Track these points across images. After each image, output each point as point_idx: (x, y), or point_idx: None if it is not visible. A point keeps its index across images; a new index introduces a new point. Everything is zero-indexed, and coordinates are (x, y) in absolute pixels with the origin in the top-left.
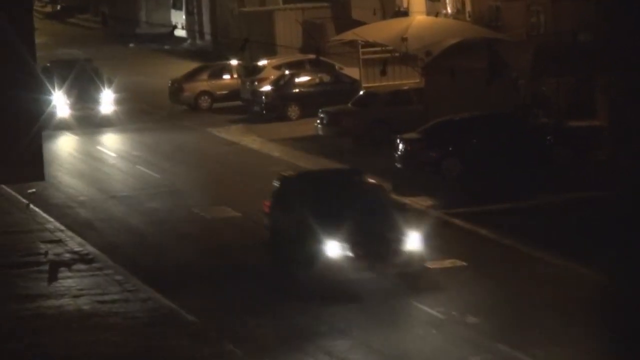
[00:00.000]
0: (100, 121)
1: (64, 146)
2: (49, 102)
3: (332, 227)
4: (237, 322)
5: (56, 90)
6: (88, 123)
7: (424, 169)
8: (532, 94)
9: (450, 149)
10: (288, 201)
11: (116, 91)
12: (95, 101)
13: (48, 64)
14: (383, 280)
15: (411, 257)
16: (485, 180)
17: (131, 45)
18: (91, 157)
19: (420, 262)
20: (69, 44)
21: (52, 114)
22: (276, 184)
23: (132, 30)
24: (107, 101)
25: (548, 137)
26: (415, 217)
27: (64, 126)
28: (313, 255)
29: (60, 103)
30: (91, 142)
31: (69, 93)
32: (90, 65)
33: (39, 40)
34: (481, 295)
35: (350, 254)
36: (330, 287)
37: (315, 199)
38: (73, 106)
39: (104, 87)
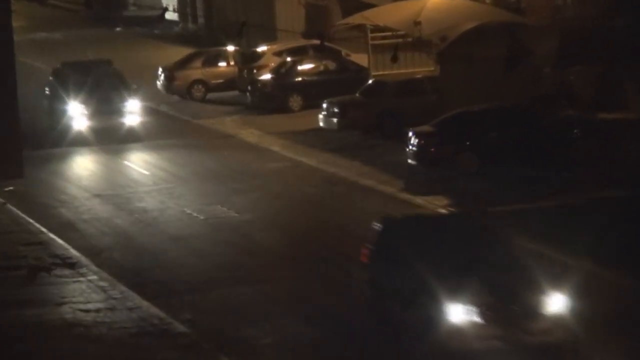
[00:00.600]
0: (125, 134)
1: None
2: (64, 112)
3: (456, 285)
4: (232, 332)
5: (71, 98)
6: (110, 137)
7: (439, 164)
8: (556, 84)
9: (466, 143)
10: (397, 252)
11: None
12: (119, 111)
13: (59, 66)
14: (520, 352)
15: (556, 324)
16: (505, 177)
17: (118, 29)
18: (72, 152)
19: (566, 330)
20: (49, 28)
21: (67, 127)
22: (378, 227)
23: (119, 13)
24: (132, 111)
25: (574, 131)
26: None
27: (82, 141)
28: (432, 321)
29: (76, 114)
30: (117, 155)
31: (87, 102)
32: (111, 68)
33: (16, 23)
34: None
35: (478, 319)
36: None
37: (434, 250)
38: (92, 117)
39: (128, 94)
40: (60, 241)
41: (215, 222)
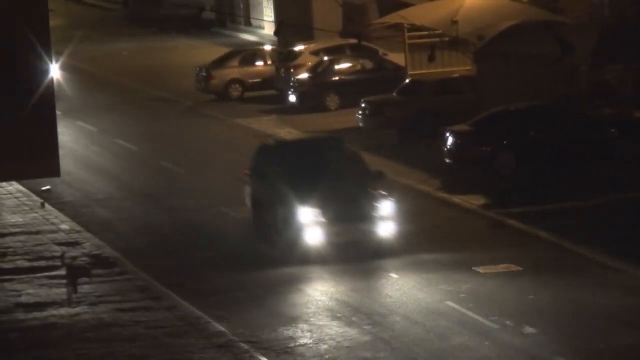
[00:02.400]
0: (376, 250)
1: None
2: (287, 217)
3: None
4: (270, 332)
5: (295, 195)
6: (358, 254)
7: (476, 164)
8: (594, 82)
9: (504, 142)
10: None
11: None
12: (366, 217)
13: (270, 143)
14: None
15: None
16: (543, 177)
17: (154, 28)
18: (109, 150)
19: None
20: (86, 27)
21: (293, 238)
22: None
23: (155, 12)
24: (385, 214)
25: (612, 130)
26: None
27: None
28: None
29: (307, 220)
30: None
31: (319, 202)
32: (344, 148)
33: (53, 22)
34: (538, 303)
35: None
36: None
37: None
38: (327, 226)
39: (374, 188)
40: (97, 240)
41: (250, 220)
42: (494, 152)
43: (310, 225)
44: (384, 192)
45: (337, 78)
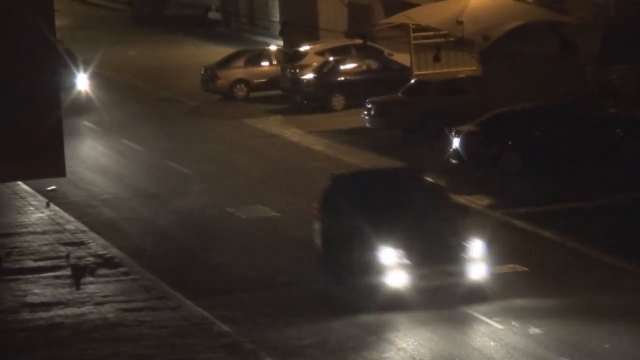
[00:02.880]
0: (466, 294)
1: None
2: (366, 259)
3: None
4: (275, 333)
5: (376, 235)
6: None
7: (482, 164)
8: (599, 82)
9: (510, 142)
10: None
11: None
12: (455, 258)
13: (343, 174)
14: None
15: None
16: (549, 177)
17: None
18: (114, 150)
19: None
20: (91, 26)
21: (375, 282)
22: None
23: (161, 12)
24: (475, 255)
25: (617, 130)
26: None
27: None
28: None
29: (390, 263)
30: None
31: (399, 242)
32: (427, 180)
33: (59, 22)
34: (544, 304)
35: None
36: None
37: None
38: (412, 269)
39: (462, 225)
40: (102, 240)
41: (256, 221)
42: (500, 153)
43: (392, 267)
44: (473, 230)
45: (342, 78)
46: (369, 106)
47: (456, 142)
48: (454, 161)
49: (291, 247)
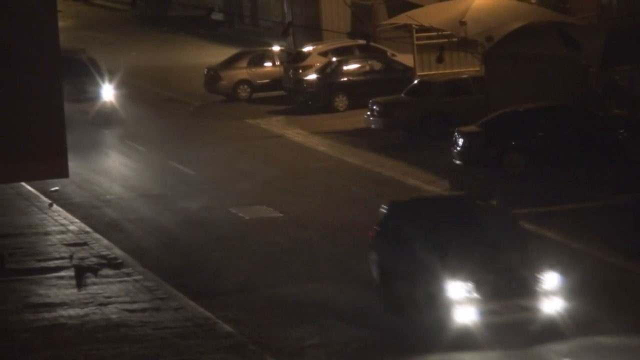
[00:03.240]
0: (541, 331)
1: None
2: (433, 291)
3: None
4: (279, 333)
5: (443, 266)
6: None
7: (485, 165)
8: (603, 83)
9: (513, 143)
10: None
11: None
12: (528, 291)
13: (405, 202)
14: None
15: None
16: (552, 178)
17: (163, 28)
18: (118, 151)
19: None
20: (94, 27)
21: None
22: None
23: (164, 12)
24: (551, 288)
25: (621, 131)
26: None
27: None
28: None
29: (457, 293)
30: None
31: (468, 274)
32: (495, 207)
33: (62, 23)
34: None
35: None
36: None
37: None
38: (482, 303)
39: (536, 256)
40: (106, 241)
41: (259, 222)
42: (503, 153)
43: (461, 301)
44: (548, 260)
45: (345, 79)
46: (372, 107)
47: (459, 143)
48: (457, 162)
49: (293, 246)
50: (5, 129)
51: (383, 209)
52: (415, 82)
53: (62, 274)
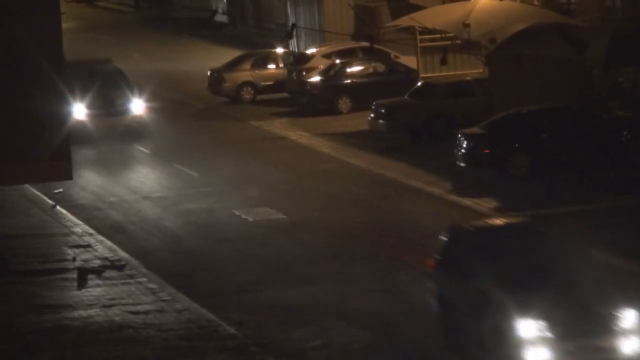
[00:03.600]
0: None
1: None
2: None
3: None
4: (281, 335)
5: (511, 302)
6: None
7: (488, 166)
8: (607, 85)
9: (517, 145)
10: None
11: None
12: (607, 330)
13: (471, 230)
14: None
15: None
16: (555, 180)
17: (167, 29)
18: (122, 153)
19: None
20: (98, 29)
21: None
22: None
23: (168, 14)
24: (630, 327)
25: (625, 133)
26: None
27: None
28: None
29: (528, 331)
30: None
31: (540, 311)
32: (559, 234)
33: (65, 25)
34: None
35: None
36: None
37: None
38: (556, 343)
39: (614, 291)
40: (109, 243)
41: (263, 224)
42: (507, 155)
43: (532, 341)
44: (625, 295)
45: (349, 81)
46: (376, 108)
47: (463, 145)
48: (461, 163)
49: (297, 248)
50: (8, 130)
51: (444, 237)
52: (419, 84)
53: (65, 275)
